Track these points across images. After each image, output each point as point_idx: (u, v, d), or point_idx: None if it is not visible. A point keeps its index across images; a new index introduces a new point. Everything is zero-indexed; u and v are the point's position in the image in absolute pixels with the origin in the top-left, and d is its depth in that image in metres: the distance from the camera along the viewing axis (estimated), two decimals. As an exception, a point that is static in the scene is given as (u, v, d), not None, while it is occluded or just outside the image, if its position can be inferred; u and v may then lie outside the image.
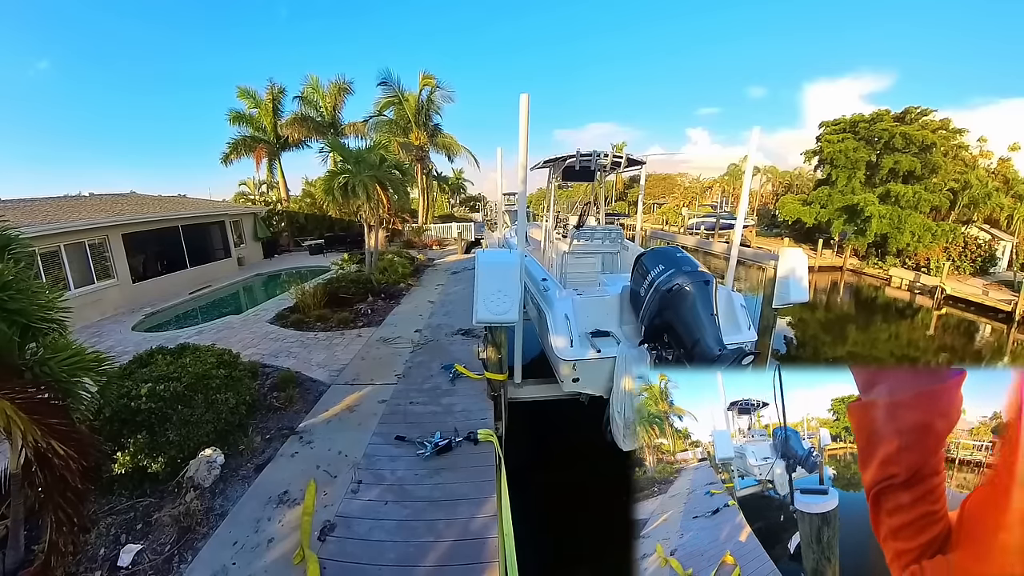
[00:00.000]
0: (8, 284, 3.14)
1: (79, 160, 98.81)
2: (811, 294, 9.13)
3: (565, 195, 16.43)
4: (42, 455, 2.94)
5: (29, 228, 9.11)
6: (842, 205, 24.87)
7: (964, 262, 21.89)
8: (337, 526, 3.77)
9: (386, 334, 8.77)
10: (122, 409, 4.33)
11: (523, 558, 3.71)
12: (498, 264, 5.76)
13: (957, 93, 77.61)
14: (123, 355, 6.69)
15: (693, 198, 46.45)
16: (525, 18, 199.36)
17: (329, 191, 13.18)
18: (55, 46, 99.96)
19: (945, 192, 23.06)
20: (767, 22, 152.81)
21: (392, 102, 23.87)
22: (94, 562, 3.49)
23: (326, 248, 21.05)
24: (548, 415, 7.12)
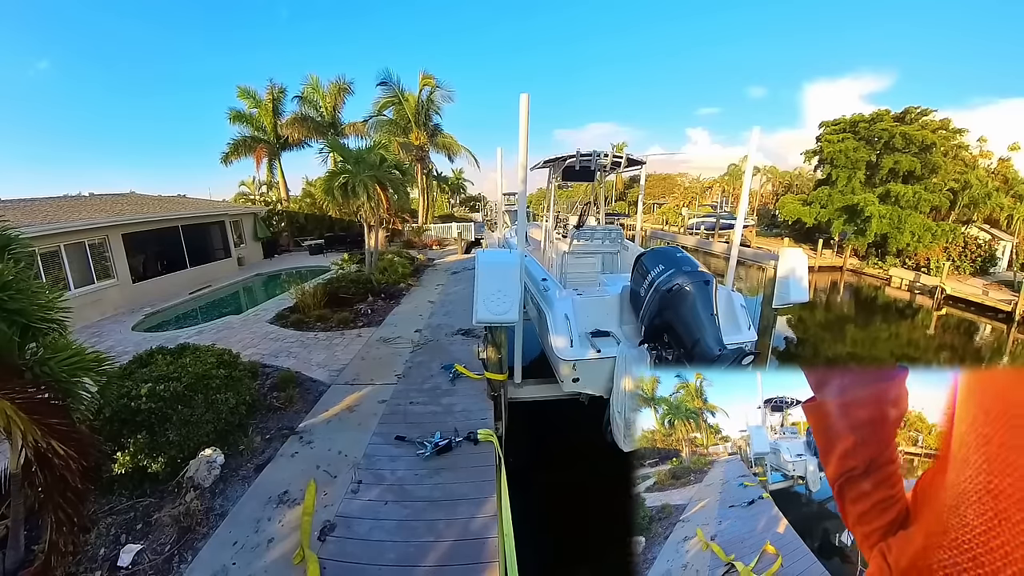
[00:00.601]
0: (8, 284, 3.14)
1: (79, 160, 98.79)
2: (811, 294, 9.13)
3: (565, 195, 16.44)
4: (42, 455, 2.93)
5: (29, 228, 9.11)
6: (842, 205, 24.88)
7: (964, 262, 21.89)
8: (337, 526, 3.76)
9: (386, 334, 8.77)
10: (122, 409, 4.33)
11: (523, 558, 3.70)
12: (498, 264, 5.75)
13: (957, 93, 77.67)
14: (123, 355, 6.69)
15: (693, 198, 46.44)
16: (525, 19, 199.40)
17: (329, 191, 13.19)
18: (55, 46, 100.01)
19: (945, 192, 23.07)
20: (767, 23, 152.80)
21: (392, 102, 23.87)
22: (94, 562, 3.49)
23: (326, 248, 21.05)
24: (548, 415, 7.12)
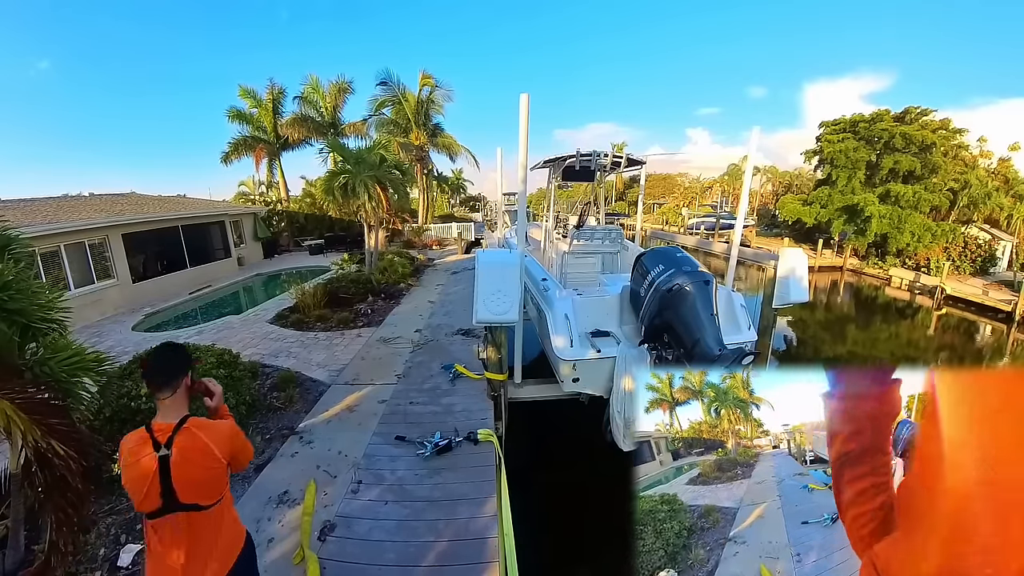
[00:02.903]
0: (8, 284, 3.14)
1: (79, 160, 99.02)
2: (811, 294, 9.13)
3: (565, 195, 16.42)
4: (42, 455, 2.93)
5: (29, 228, 9.11)
6: (842, 205, 24.86)
7: (964, 262, 21.88)
8: (337, 526, 3.76)
9: (386, 334, 8.77)
10: (122, 409, 4.33)
11: (523, 558, 3.70)
12: (498, 264, 5.75)
13: (957, 93, 77.86)
14: (123, 355, 6.69)
15: (693, 198, 46.44)
16: (526, 20, 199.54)
17: (329, 191, 13.18)
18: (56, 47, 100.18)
19: (945, 192, 23.06)
20: (767, 23, 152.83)
21: (390, 101, 23.87)
22: (94, 562, 3.49)
23: (326, 248, 21.04)
24: (548, 415, 7.12)
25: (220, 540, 2.05)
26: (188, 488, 1.88)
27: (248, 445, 2.15)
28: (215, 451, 1.93)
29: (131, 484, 1.87)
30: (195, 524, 1.93)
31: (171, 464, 1.84)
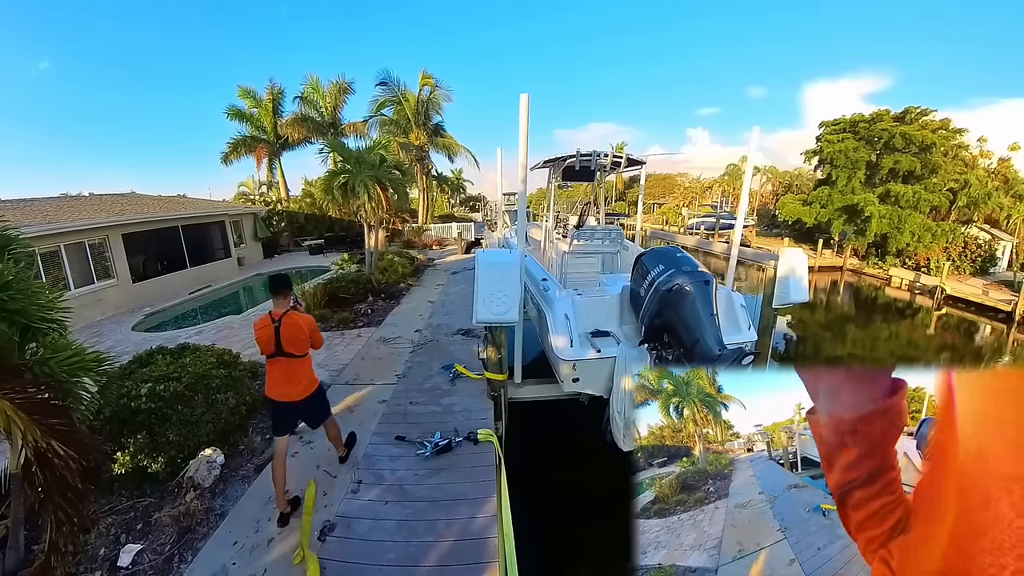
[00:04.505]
0: (8, 284, 3.14)
1: (79, 160, 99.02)
2: (811, 294, 9.13)
3: (565, 195, 16.42)
4: (42, 455, 2.93)
5: (29, 228, 9.11)
6: (842, 205, 24.86)
7: (964, 262, 21.88)
8: (337, 526, 3.76)
9: (386, 334, 8.77)
10: (122, 409, 4.32)
11: (523, 558, 3.70)
12: (498, 264, 5.75)
13: (957, 93, 77.91)
14: (123, 355, 6.68)
15: (693, 198, 46.42)
16: (527, 21, 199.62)
17: (329, 191, 13.17)
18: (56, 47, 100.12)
19: (945, 192, 23.05)
20: (767, 23, 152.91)
21: (390, 101, 23.86)
22: (94, 562, 3.49)
23: (326, 248, 21.04)
24: (548, 415, 7.12)
25: (304, 378, 3.87)
26: (289, 343, 3.64)
27: (319, 335, 4.00)
28: (303, 327, 3.72)
29: (261, 340, 3.64)
30: (292, 365, 3.74)
31: (280, 329, 3.61)
